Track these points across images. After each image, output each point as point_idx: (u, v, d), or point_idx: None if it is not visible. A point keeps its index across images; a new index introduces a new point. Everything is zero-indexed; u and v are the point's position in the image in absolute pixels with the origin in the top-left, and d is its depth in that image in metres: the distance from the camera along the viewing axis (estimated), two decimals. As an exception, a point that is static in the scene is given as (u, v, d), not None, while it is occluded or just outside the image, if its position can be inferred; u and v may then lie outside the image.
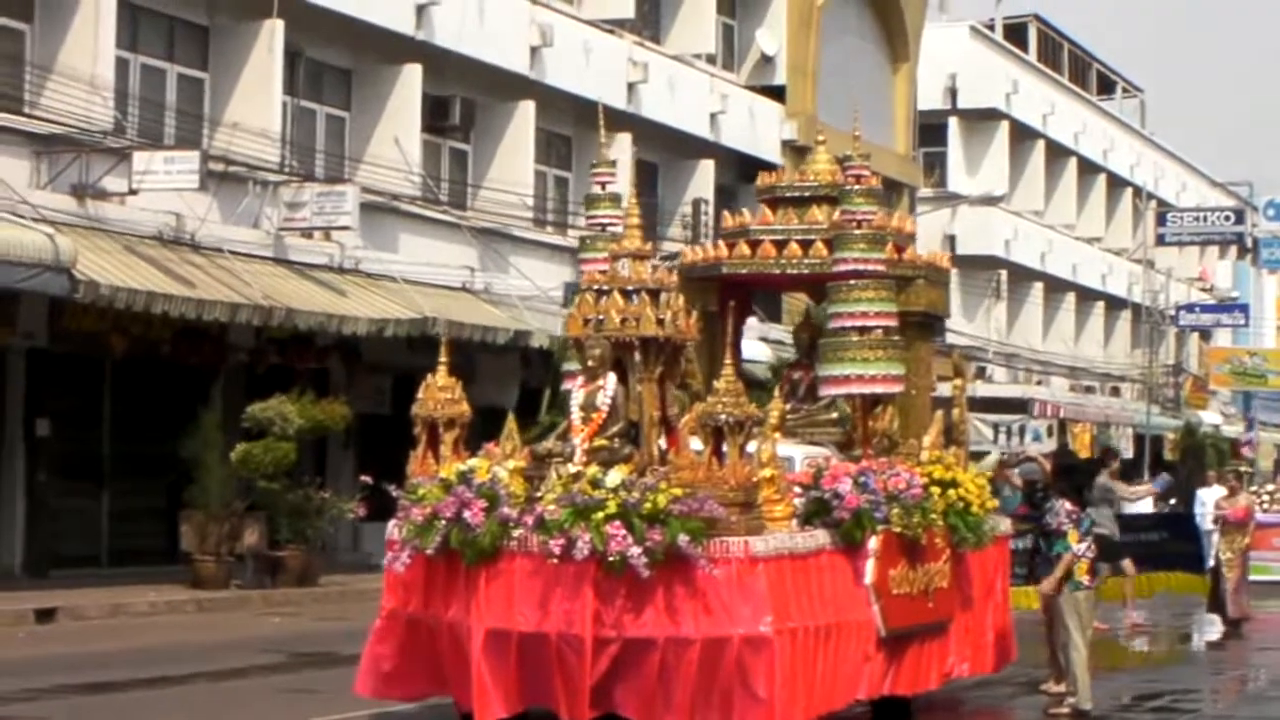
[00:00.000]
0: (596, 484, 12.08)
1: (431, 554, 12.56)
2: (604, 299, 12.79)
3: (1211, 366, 67.72)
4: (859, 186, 14.45)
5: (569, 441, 12.71)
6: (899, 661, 13.81)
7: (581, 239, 15.07)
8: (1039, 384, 56.12)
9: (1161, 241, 62.59)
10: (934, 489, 14.16)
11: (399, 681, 13.31)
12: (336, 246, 29.65)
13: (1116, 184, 65.33)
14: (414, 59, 31.96)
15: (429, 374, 13.64)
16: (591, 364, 12.73)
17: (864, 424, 14.63)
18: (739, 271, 15.33)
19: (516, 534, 12.26)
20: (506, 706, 12.39)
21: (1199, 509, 27.99)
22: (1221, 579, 24.64)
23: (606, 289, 12.83)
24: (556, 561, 12.01)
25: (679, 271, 15.39)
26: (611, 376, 12.72)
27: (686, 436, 12.69)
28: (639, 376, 12.69)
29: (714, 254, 15.53)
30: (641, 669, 12.10)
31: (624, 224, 13.42)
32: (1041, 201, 58.49)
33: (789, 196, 15.49)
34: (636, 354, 12.69)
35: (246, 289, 26.32)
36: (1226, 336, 72.54)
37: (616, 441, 12.59)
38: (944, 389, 16.23)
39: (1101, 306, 64.22)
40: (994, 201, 49.62)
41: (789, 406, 15.03)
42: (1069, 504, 15.99)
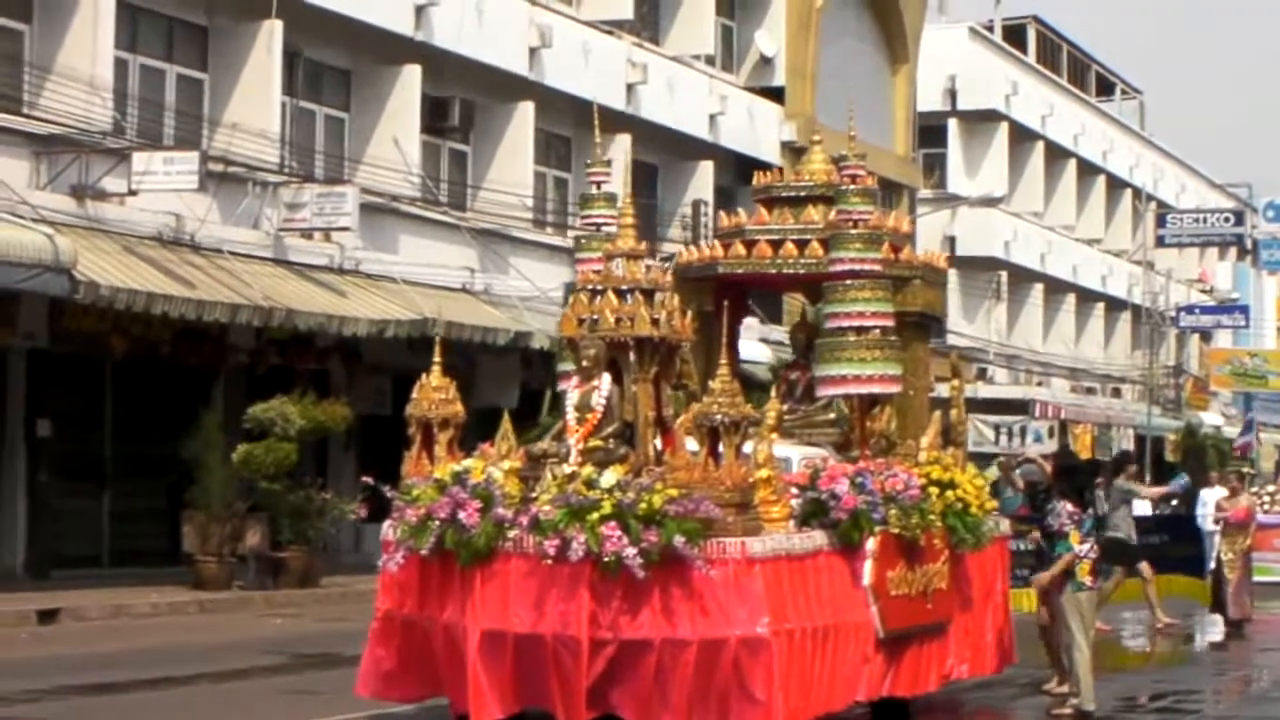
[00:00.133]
0: (591, 484, 11.99)
1: (426, 555, 12.50)
2: (598, 299, 12.69)
3: (1212, 368, 67.75)
4: (855, 186, 14.31)
5: (564, 442, 12.62)
6: (898, 663, 13.72)
7: (576, 239, 14.99)
8: (1040, 385, 56.12)
9: (1161, 243, 62.61)
10: (932, 490, 14.05)
11: (398, 683, 13.27)
12: (336, 247, 29.64)
13: (1116, 185, 65.34)
14: (413, 60, 31.97)
15: (427, 374, 13.56)
16: (586, 364, 12.64)
17: (861, 425, 14.51)
18: (734, 271, 15.20)
19: (511, 535, 12.18)
20: (502, 708, 12.32)
21: (1200, 510, 27.95)
22: (1224, 580, 24.62)
23: (601, 289, 12.73)
24: (551, 562, 11.93)
25: (674, 271, 15.33)
26: (606, 377, 12.63)
27: (682, 437, 12.57)
28: (634, 376, 12.60)
29: (709, 254, 15.40)
30: (638, 671, 12.03)
31: (618, 224, 13.33)
32: (1041, 203, 58.50)
33: (785, 196, 15.34)
34: (631, 354, 12.59)
35: (246, 290, 26.30)
36: (1227, 338, 72.57)
37: (612, 442, 12.49)
38: (942, 390, 16.15)
39: (1102, 308, 64.22)
40: (994, 203, 49.65)
41: (786, 407, 14.95)
42: (1070, 505, 15.95)
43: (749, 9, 42.56)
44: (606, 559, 11.78)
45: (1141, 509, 31.18)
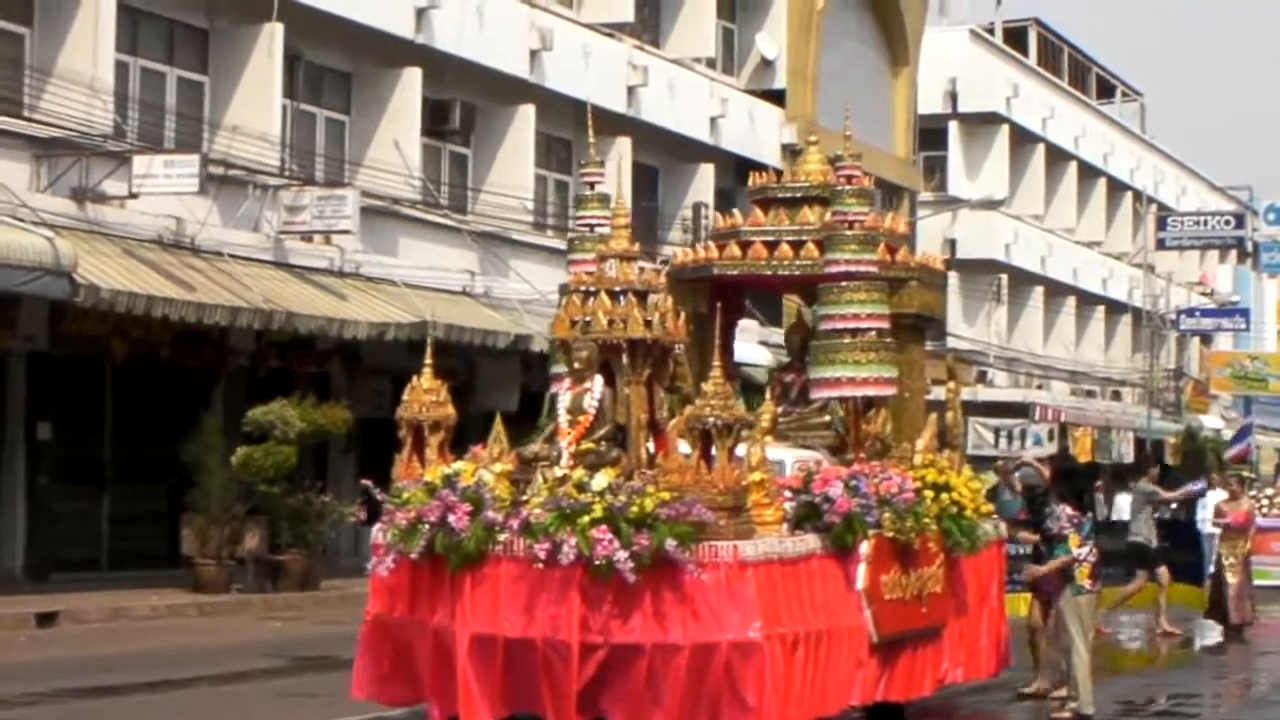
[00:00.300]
0: (582, 487, 11.90)
1: (416, 558, 12.40)
2: (591, 300, 12.60)
3: (1212, 371, 67.77)
4: (850, 187, 14.21)
5: (556, 444, 12.52)
6: (892, 667, 13.62)
7: (570, 240, 14.87)
8: (1040, 388, 56.14)
9: (1162, 246, 62.63)
10: (927, 493, 13.95)
11: (389, 687, 13.18)
12: (337, 250, 29.63)
13: (1117, 188, 65.33)
14: (414, 62, 31.96)
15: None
16: (578, 366, 12.53)
17: (856, 427, 14.41)
18: (729, 273, 15.12)
19: (502, 538, 12.08)
20: (493, 713, 12.25)
21: (1200, 512, 27.91)
22: (1224, 584, 24.59)
23: (593, 290, 12.65)
24: (542, 566, 11.85)
25: (669, 273, 15.25)
26: (598, 379, 12.53)
27: (675, 439, 12.48)
28: (626, 379, 12.51)
29: (705, 255, 15.31)
30: (629, 675, 11.94)
31: (612, 225, 13.24)
32: (1042, 205, 58.49)
33: (780, 197, 15.25)
34: (624, 356, 12.51)
35: (247, 292, 26.30)
36: (1227, 340, 72.59)
37: (603, 444, 12.39)
38: (939, 392, 16.09)
39: (1102, 310, 64.21)
40: (994, 205, 49.65)
41: (781, 409, 14.91)
42: (1069, 508, 15.95)
43: (750, 11, 42.55)
44: (597, 563, 11.70)
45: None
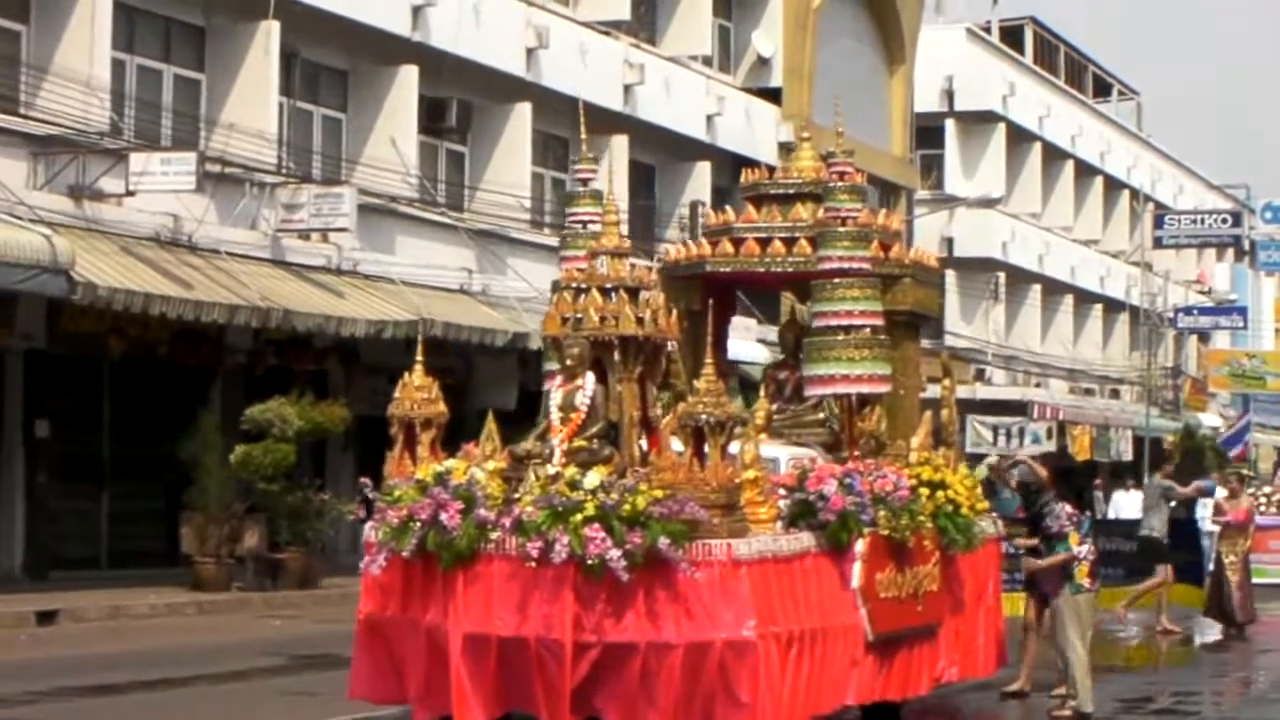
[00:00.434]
0: (575, 485, 11.79)
1: (408, 557, 12.30)
2: (582, 297, 12.48)
3: (1210, 369, 67.78)
4: (843, 183, 14.09)
5: (548, 442, 12.42)
6: (888, 666, 13.53)
7: (562, 236, 14.76)
8: (1038, 386, 56.12)
9: (1159, 244, 62.58)
10: (922, 490, 13.88)
11: (383, 686, 13.08)
12: (334, 248, 29.62)
13: (1113, 186, 65.34)
14: (410, 60, 31.93)
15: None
16: (570, 363, 12.43)
17: (851, 425, 14.30)
18: (722, 270, 15.00)
19: (494, 536, 11.99)
20: (486, 712, 12.17)
21: (1200, 510, 27.90)
22: (1224, 582, 24.57)
23: (585, 287, 12.52)
24: (534, 565, 11.76)
25: (662, 270, 15.16)
26: (590, 376, 12.42)
27: (668, 437, 12.35)
28: (618, 376, 12.40)
29: (697, 252, 15.19)
30: (623, 674, 11.86)
31: (603, 221, 13.12)
32: (1039, 204, 58.49)
33: (773, 194, 15.14)
34: (615, 353, 12.39)
35: (244, 290, 26.27)
36: (1225, 339, 72.61)
37: (596, 442, 12.29)
38: (935, 390, 16.00)
39: (1100, 309, 64.21)
40: (991, 204, 49.64)
41: (775, 407, 14.85)
42: (1069, 507, 15.92)
43: (746, 9, 42.56)
44: (590, 561, 11.60)
45: (1134, 513, 31.10)
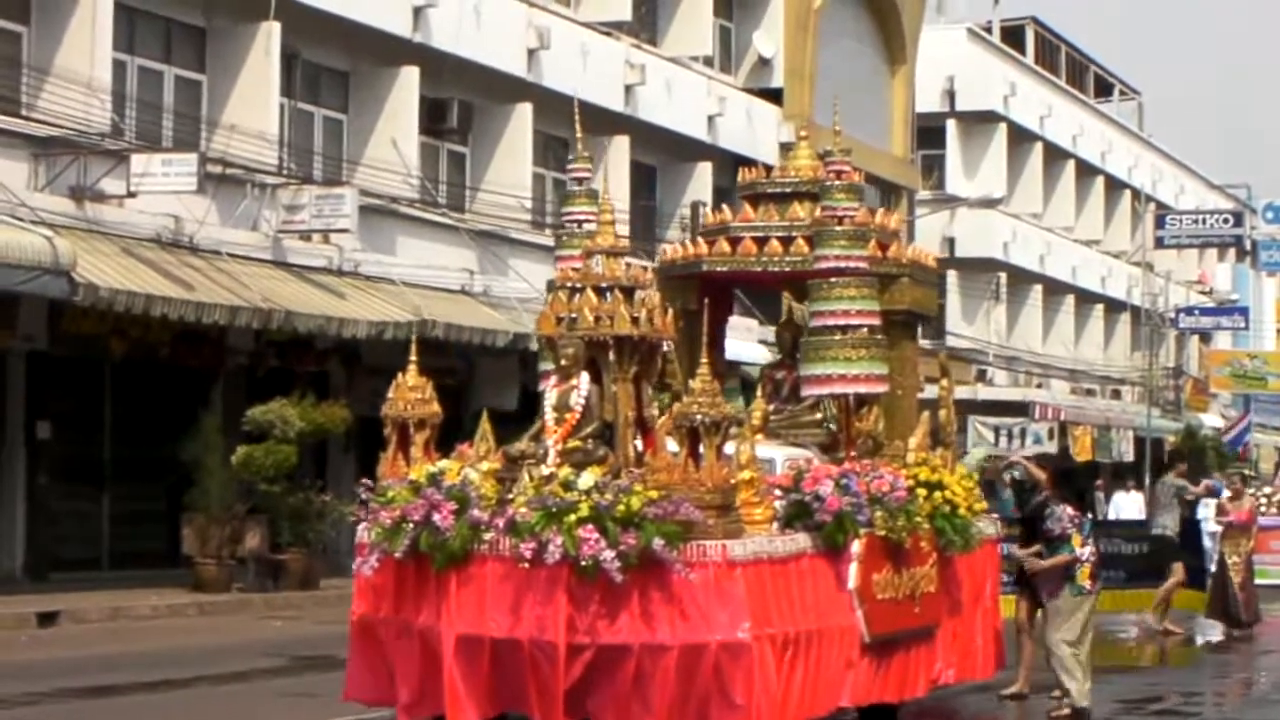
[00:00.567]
0: (569, 486, 11.73)
1: (400, 558, 12.24)
2: (577, 296, 12.43)
3: (1211, 369, 67.78)
4: (840, 182, 14.02)
5: (542, 442, 12.37)
6: (885, 668, 13.45)
7: (557, 236, 14.71)
8: (1039, 387, 56.09)
9: (1160, 244, 62.58)
10: (919, 491, 13.80)
11: (377, 688, 13.01)
12: (335, 249, 29.61)
13: (1115, 186, 65.31)
14: (411, 61, 31.93)
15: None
16: (564, 363, 12.36)
17: (848, 425, 14.24)
18: (718, 269, 14.90)
19: (488, 537, 11.94)
20: (479, 713, 12.12)
21: (1202, 510, 27.88)
22: (1227, 582, 24.54)
23: (579, 286, 12.47)
24: (528, 566, 11.70)
25: (659, 269, 15.12)
26: (585, 376, 12.36)
27: (663, 438, 12.27)
28: (613, 376, 12.35)
29: (694, 251, 15.09)
30: (616, 676, 11.79)
31: (598, 220, 13.08)
32: (1040, 204, 58.48)
33: (770, 192, 15.01)
34: (610, 353, 12.34)
35: (245, 291, 26.27)
36: (1226, 339, 72.58)
37: (590, 443, 12.23)
38: (934, 390, 15.95)
39: (1101, 309, 64.19)
40: (993, 204, 49.63)
41: (772, 407, 14.80)
42: (1070, 508, 15.89)
43: (747, 10, 42.54)
44: (584, 562, 11.53)
45: (1133, 514, 31.08)
